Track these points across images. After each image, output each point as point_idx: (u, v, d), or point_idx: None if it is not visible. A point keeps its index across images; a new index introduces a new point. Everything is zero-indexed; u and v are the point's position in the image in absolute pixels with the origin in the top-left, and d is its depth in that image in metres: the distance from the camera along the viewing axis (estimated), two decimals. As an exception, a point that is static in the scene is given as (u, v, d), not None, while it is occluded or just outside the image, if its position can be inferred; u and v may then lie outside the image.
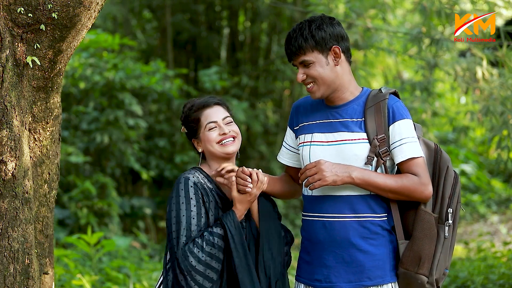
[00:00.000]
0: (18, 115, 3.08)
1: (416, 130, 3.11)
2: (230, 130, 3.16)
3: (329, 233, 3.05)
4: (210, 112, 3.19)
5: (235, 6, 12.76)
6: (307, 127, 3.18)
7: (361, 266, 3.03)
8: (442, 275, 3.05)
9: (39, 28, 3.05)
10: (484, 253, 7.49)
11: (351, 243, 3.03)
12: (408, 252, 3.03)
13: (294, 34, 3.04)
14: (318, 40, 3.01)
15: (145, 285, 6.51)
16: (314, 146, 3.11)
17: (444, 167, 3.09)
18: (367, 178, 2.99)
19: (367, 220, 3.04)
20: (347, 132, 3.07)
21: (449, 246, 3.06)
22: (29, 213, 3.15)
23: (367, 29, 7.60)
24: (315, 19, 3.07)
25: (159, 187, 11.36)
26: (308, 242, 3.14)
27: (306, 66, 3.05)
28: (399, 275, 3.05)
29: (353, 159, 3.03)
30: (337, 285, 3.05)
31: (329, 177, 2.98)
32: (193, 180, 3.06)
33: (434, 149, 3.12)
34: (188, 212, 3.01)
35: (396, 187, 3.00)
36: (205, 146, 3.17)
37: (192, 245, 2.96)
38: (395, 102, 3.09)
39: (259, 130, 11.71)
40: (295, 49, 3.04)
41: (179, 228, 2.98)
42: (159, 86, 10.17)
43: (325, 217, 3.07)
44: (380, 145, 3.02)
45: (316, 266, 3.10)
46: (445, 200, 3.06)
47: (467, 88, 6.82)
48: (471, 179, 12.62)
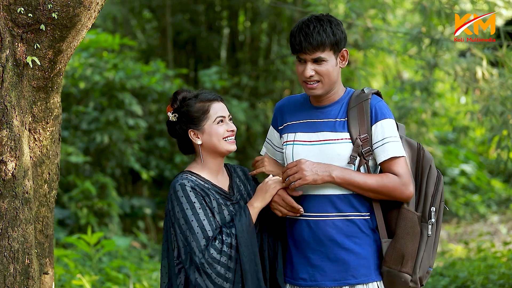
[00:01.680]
0: (18, 115, 3.08)
1: (399, 130, 3.13)
2: (234, 128, 3.16)
3: (314, 232, 3.06)
4: (219, 106, 3.14)
5: (235, 6, 12.76)
6: (291, 126, 3.19)
7: (345, 265, 3.04)
8: (426, 273, 3.07)
9: (39, 28, 3.05)
10: (484, 253, 7.49)
11: (335, 242, 3.04)
12: (391, 250, 3.04)
13: (315, 29, 3.00)
14: (338, 40, 3.03)
15: (145, 285, 6.51)
16: (297, 146, 3.13)
17: (427, 166, 3.11)
18: (347, 177, 3.01)
19: (351, 218, 3.05)
20: (330, 132, 3.08)
21: (433, 244, 3.08)
22: (29, 213, 3.15)
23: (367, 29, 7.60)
24: (329, 18, 3.06)
25: (159, 187, 11.36)
26: (292, 242, 3.15)
27: (317, 63, 3.04)
28: (382, 273, 3.06)
29: (336, 158, 3.05)
30: (322, 283, 3.06)
31: (309, 176, 3.00)
32: (189, 184, 3.03)
33: (417, 148, 3.14)
34: (196, 216, 2.99)
35: (376, 186, 3.01)
36: (209, 139, 3.11)
37: (212, 247, 2.95)
38: (378, 102, 3.11)
39: (259, 130, 11.70)
40: (316, 44, 3.00)
41: (194, 233, 2.96)
42: (159, 86, 10.16)
43: (309, 216, 3.08)
44: (363, 144, 3.04)
45: (301, 265, 3.11)
46: (428, 198, 3.08)
47: (467, 88, 6.81)
48: (471, 179, 12.62)
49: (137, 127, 10.09)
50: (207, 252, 2.94)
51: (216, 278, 2.94)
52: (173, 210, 3.03)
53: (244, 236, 2.99)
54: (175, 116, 3.16)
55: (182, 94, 3.18)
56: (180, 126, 3.16)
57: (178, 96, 3.17)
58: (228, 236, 2.97)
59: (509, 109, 5.94)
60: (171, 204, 3.03)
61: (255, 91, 12.61)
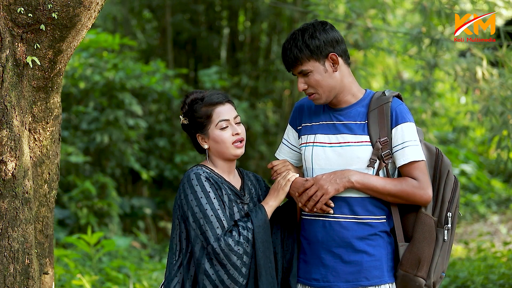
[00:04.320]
0: (18, 115, 3.08)
1: (418, 134, 3.12)
2: (240, 130, 3.13)
3: (328, 233, 3.06)
4: (223, 109, 3.11)
5: (235, 6, 12.76)
6: (310, 127, 3.18)
7: (358, 266, 3.04)
8: (439, 278, 3.08)
9: (39, 28, 3.05)
10: (484, 253, 7.48)
11: (349, 243, 3.04)
12: (408, 254, 3.04)
13: (289, 45, 3.04)
14: (313, 49, 3.01)
15: (145, 285, 6.51)
16: (316, 147, 3.12)
17: (445, 172, 3.11)
18: (366, 182, 3.00)
19: (366, 221, 3.04)
20: (350, 135, 3.07)
21: (447, 249, 3.09)
22: (29, 213, 3.15)
23: (367, 29, 7.60)
24: (307, 27, 3.06)
25: (159, 187, 11.36)
26: (306, 242, 3.14)
27: (305, 75, 3.05)
28: (398, 276, 3.06)
29: (355, 161, 3.04)
30: (335, 284, 3.06)
31: (330, 188, 3.00)
32: (204, 175, 3.02)
33: (436, 153, 3.14)
34: (211, 205, 2.96)
35: (395, 191, 3.01)
36: (215, 144, 3.10)
37: (230, 237, 2.92)
38: (399, 105, 3.09)
39: (259, 130, 11.71)
40: (291, 60, 3.04)
41: (208, 221, 2.92)
42: (159, 86, 10.17)
43: (324, 216, 3.07)
44: (383, 148, 3.03)
45: (314, 266, 3.10)
46: (445, 204, 3.08)
47: (467, 88, 6.81)
48: (471, 179, 12.61)
49: (137, 127, 10.10)
50: (223, 241, 2.90)
51: (231, 269, 2.90)
52: (186, 199, 2.99)
53: (261, 232, 2.98)
54: (185, 119, 3.16)
55: (191, 97, 3.16)
56: (190, 129, 3.17)
57: (187, 99, 3.16)
58: (245, 229, 2.95)
59: (509, 109, 5.93)
60: (184, 193, 3.00)
61: (255, 91, 12.61)
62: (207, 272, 2.91)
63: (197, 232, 2.95)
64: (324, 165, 3.09)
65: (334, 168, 3.06)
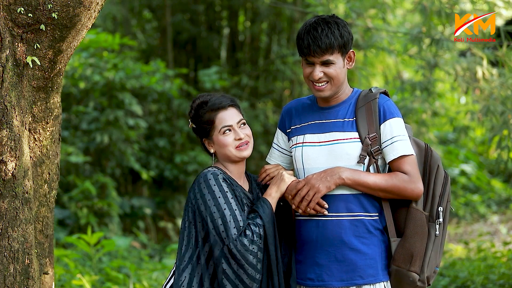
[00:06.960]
0: (18, 115, 3.08)
1: (406, 130, 3.13)
2: (244, 134, 3.12)
3: (322, 232, 3.07)
4: (225, 115, 3.11)
5: (235, 6, 12.76)
6: (300, 129, 3.20)
7: (353, 265, 3.05)
8: (433, 273, 3.08)
9: (39, 28, 3.05)
10: (484, 253, 7.49)
11: (343, 242, 3.05)
12: (400, 249, 3.05)
13: (324, 32, 3.01)
14: (345, 42, 3.05)
15: (145, 285, 6.51)
16: (306, 147, 3.13)
17: (435, 166, 3.12)
18: (357, 178, 3.02)
19: (360, 218, 3.05)
20: (339, 132, 3.09)
21: (440, 244, 3.10)
22: (29, 213, 3.15)
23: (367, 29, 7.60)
24: (337, 19, 3.07)
25: (159, 187, 11.36)
26: (300, 242, 3.16)
27: (326, 65, 3.04)
28: (391, 272, 3.07)
29: (345, 158, 3.05)
30: (329, 283, 3.07)
31: (322, 186, 3.01)
32: (221, 176, 3.03)
33: (425, 149, 3.15)
34: (228, 205, 2.97)
35: (386, 186, 3.02)
36: (220, 149, 3.12)
37: (245, 237, 2.93)
38: (386, 101, 3.12)
39: (259, 130, 11.71)
40: (325, 47, 3.01)
41: (226, 221, 2.93)
42: (159, 86, 10.17)
43: (318, 216, 3.08)
44: (372, 144, 3.05)
45: (308, 265, 3.11)
46: (436, 198, 3.09)
47: (467, 88, 6.81)
48: (471, 179, 12.62)
49: (137, 127, 10.10)
50: (239, 241, 2.92)
51: (248, 268, 2.92)
52: (202, 199, 3.00)
53: (270, 227, 3.00)
54: (193, 124, 3.18)
55: (197, 101, 3.17)
56: (197, 134, 3.20)
57: (194, 104, 3.18)
58: (256, 226, 2.96)
59: (510, 108, 5.94)
60: (201, 193, 3.00)
61: (255, 91, 12.62)
62: (226, 272, 2.94)
63: (216, 231, 2.96)
64: (314, 164, 3.10)
65: (325, 166, 3.07)
